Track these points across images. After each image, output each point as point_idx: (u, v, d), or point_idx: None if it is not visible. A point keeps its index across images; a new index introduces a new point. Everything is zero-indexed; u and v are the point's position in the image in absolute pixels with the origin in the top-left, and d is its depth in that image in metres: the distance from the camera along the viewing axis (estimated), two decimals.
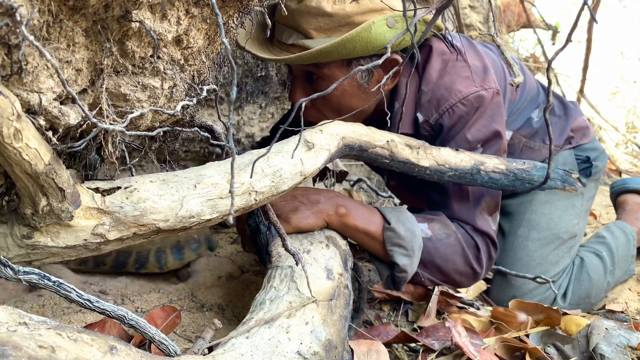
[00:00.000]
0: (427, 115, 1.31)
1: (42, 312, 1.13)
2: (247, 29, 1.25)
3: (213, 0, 0.62)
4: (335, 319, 0.96)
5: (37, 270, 0.69)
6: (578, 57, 3.60)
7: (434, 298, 1.38)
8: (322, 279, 1.02)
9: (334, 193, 1.26)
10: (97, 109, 0.74)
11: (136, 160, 0.97)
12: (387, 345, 1.13)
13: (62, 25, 0.62)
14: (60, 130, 0.70)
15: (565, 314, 1.36)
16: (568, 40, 0.73)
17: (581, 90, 3.49)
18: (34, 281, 0.68)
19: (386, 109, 1.15)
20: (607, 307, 1.54)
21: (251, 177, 0.85)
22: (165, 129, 0.87)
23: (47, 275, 0.69)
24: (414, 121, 1.34)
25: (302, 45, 1.19)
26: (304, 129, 0.99)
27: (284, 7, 1.07)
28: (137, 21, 0.67)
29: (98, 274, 1.38)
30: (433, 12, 0.85)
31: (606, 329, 1.18)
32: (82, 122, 0.71)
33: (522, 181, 1.26)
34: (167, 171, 0.88)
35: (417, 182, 1.33)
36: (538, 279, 1.45)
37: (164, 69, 0.78)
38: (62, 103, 0.68)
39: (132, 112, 0.75)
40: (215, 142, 0.96)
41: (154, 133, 0.79)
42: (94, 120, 0.64)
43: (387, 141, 1.14)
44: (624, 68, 5.40)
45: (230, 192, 0.70)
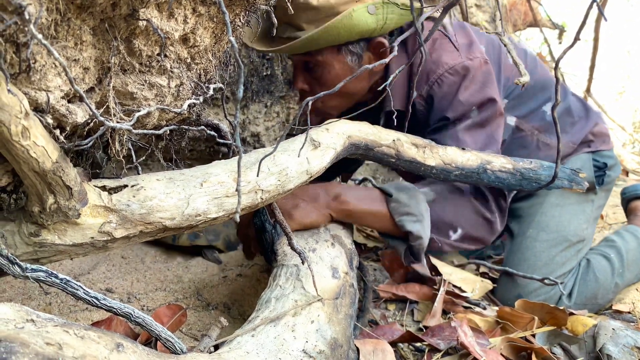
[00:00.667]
0: (419, 89, 1.39)
1: (49, 309, 1.13)
2: (253, 29, 1.36)
3: None
4: (340, 317, 0.96)
5: (44, 268, 0.69)
6: (585, 56, 3.58)
7: (440, 297, 1.37)
8: (327, 277, 1.02)
9: (330, 184, 1.28)
10: (104, 107, 0.74)
11: (142, 158, 0.97)
12: (392, 344, 1.12)
13: (70, 24, 0.62)
14: (68, 128, 0.70)
15: (572, 314, 1.35)
16: (576, 39, 0.73)
17: (588, 90, 3.48)
18: (42, 279, 0.69)
19: (374, 94, 1.22)
20: (614, 308, 1.53)
21: (257, 175, 0.85)
22: (171, 127, 0.87)
23: (55, 272, 0.69)
24: (405, 98, 1.42)
25: (295, 37, 1.30)
26: (310, 128, 0.99)
27: (285, 6, 1.16)
28: (144, 20, 0.68)
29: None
30: (440, 10, 0.85)
31: (613, 329, 1.17)
32: (90, 121, 0.71)
33: (529, 180, 1.26)
34: (173, 170, 0.88)
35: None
36: (546, 281, 1.44)
37: (171, 67, 0.78)
38: (69, 101, 0.69)
39: (139, 111, 0.75)
40: (221, 141, 0.96)
41: (160, 131, 0.80)
42: (101, 119, 0.64)
43: (393, 140, 1.14)
44: (631, 67, 5.37)
45: (236, 190, 0.70)
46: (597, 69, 3.46)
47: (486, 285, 1.55)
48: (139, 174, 0.88)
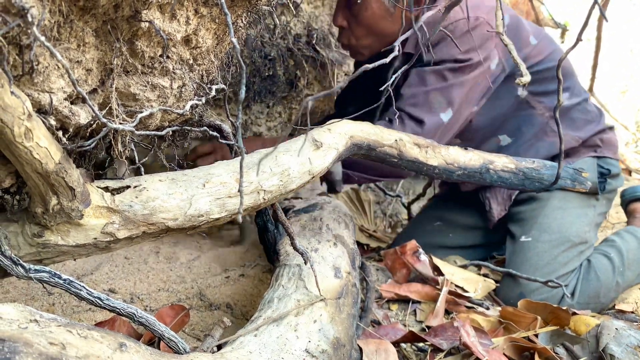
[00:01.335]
0: (426, 37, 1.47)
1: (52, 310, 1.14)
2: None
3: (222, 0, 0.62)
4: (343, 317, 0.96)
5: (47, 269, 0.70)
6: (587, 56, 3.57)
7: (442, 297, 1.37)
8: (330, 277, 1.02)
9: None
10: (107, 108, 0.74)
11: (145, 159, 0.98)
12: (395, 344, 1.12)
13: (73, 26, 0.63)
14: (71, 129, 0.70)
15: (575, 313, 1.35)
16: (578, 40, 0.73)
17: (590, 89, 3.47)
18: (45, 279, 0.69)
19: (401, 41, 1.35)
20: (617, 307, 1.53)
21: (257, 175, 0.85)
22: (174, 128, 0.87)
23: (58, 273, 0.69)
24: (415, 43, 1.50)
25: None
26: (312, 128, 0.99)
27: None
28: (146, 21, 0.68)
29: None
30: (441, 10, 0.85)
31: (616, 329, 1.17)
32: (92, 122, 0.72)
33: (532, 180, 1.26)
34: (175, 170, 0.89)
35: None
36: (550, 283, 1.45)
37: (173, 68, 0.79)
38: (72, 103, 0.69)
39: (141, 112, 0.75)
40: (224, 142, 0.96)
41: (163, 132, 0.80)
42: (104, 120, 0.64)
43: (396, 140, 1.14)
44: (634, 67, 5.35)
45: (239, 191, 0.71)
46: (600, 68, 3.45)
47: (489, 285, 1.54)
48: (141, 174, 0.89)
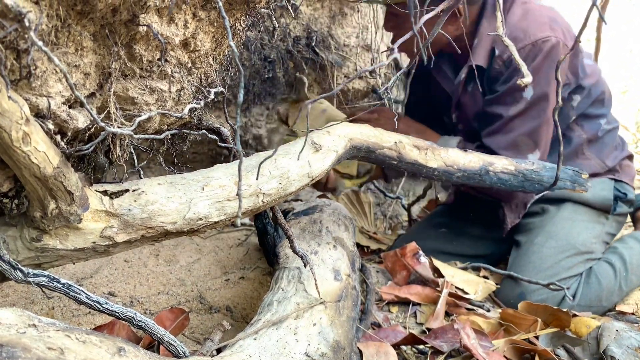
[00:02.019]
0: (502, 51, 1.53)
1: (52, 314, 1.14)
2: None
3: (220, 4, 0.62)
4: (343, 320, 0.96)
5: (46, 273, 0.69)
6: None
7: (442, 299, 1.37)
8: (329, 280, 1.02)
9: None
10: (105, 112, 0.74)
11: (144, 162, 0.97)
12: (395, 347, 1.12)
13: (70, 30, 0.63)
14: (69, 133, 0.70)
15: (575, 315, 1.35)
16: (577, 41, 0.73)
17: None
18: (44, 283, 0.69)
19: (460, 42, 1.48)
20: (617, 309, 1.52)
21: (257, 179, 0.85)
22: (173, 132, 0.87)
23: (57, 277, 0.69)
24: (489, 56, 1.56)
25: None
26: (311, 131, 0.99)
27: None
28: (144, 25, 0.68)
29: None
30: (440, 13, 0.85)
31: (617, 330, 1.17)
32: (91, 126, 0.72)
33: (532, 182, 1.25)
34: (175, 173, 0.89)
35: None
36: (551, 286, 1.44)
37: (172, 72, 0.79)
38: (70, 107, 0.69)
39: (140, 116, 0.75)
40: (223, 145, 0.96)
41: (161, 136, 0.80)
42: (102, 124, 0.64)
43: (395, 142, 1.14)
44: (634, 67, 5.35)
45: (237, 194, 0.70)
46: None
47: (489, 287, 1.54)
48: (140, 178, 0.89)
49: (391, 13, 1.60)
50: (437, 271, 1.51)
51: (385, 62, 0.86)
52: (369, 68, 0.83)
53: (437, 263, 1.54)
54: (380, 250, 1.80)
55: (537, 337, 1.22)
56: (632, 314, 1.49)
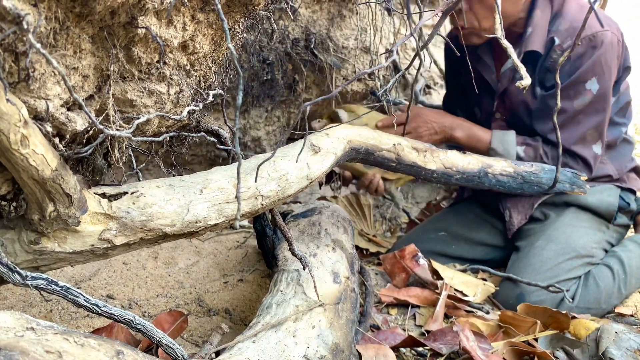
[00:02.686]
0: (562, 40, 1.55)
1: (50, 317, 1.13)
2: None
3: (219, 6, 0.62)
4: (342, 322, 0.95)
5: (44, 276, 0.69)
6: None
7: (442, 302, 1.37)
8: (328, 282, 1.02)
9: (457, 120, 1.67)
10: (104, 114, 0.74)
11: (143, 165, 0.97)
12: (394, 349, 1.12)
13: (69, 32, 0.63)
14: (67, 136, 0.70)
15: (574, 317, 1.35)
16: (575, 44, 0.73)
17: None
18: (42, 286, 0.69)
19: (513, 32, 1.60)
20: (616, 311, 1.52)
21: (255, 181, 0.85)
22: (171, 134, 0.87)
23: (55, 280, 0.69)
24: (546, 42, 1.59)
25: None
26: (310, 133, 0.99)
27: None
28: (143, 27, 0.68)
29: None
30: (439, 15, 0.85)
31: (616, 332, 1.16)
32: (89, 128, 0.71)
33: (530, 184, 1.26)
34: (173, 176, 0.88)
35: (522, 121, 1.66)
36: (551, 288, 1.44)
37: (170, 74, 0.79)
38: (69, 109, 0.69)
39: (138, 118, 0.75)
40: (221, 147, 0.96)
41: (160, 139, 0.80)
42: (101, 127, 0.64)
43: (394, 144, 1.14)
44: (634, 69, 5.36)
45: (236, 196, 0.70)
46: None
47: (488, 289, 1.54)
48: (139, 180, 0.88)
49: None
50: (436, 273, 1.51)
51: (384, 64, 0.86)
52: (368, 70, 0.83)
53: (436, 265, 1.54)
54: (380, 253, 1.80)
55: (536, 339, 1.22)
56: (631, 315, 1.48)
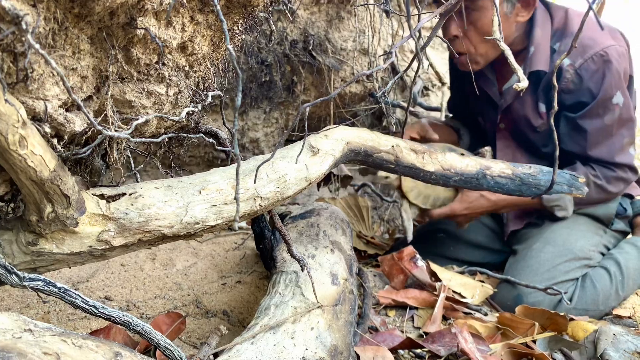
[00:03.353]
0: (573, 59, 1.55)
1: (47, 318, 1.13)
2: None
3: (218, 7, 0.62)
4: (340, 324, 0.95)
5: (42, 277, 0.69)
6: None
7: (440, 303, 1.37)
8: (327, 284, 1.01)
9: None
10: (102, 115, 0.74)
11: (141, 166, 0.97)
12: (392, 351, 1.12)
13: (68, 33, 0.62)
14: (66, 137, 0.70)
15: (572, 319, 1.35)
16: (572, 46, 0.73)
17: None
18: (40, 287, 0.68)
19: (515, 52, 1.54)
20: (614, 313, 1.52)
21: (255, 182, 0.85)
22: (170, 135, 0.87)
23: (52, 282, 0.69)
24: (550, 59, 1.61)
25: None
26: (309, 134, 0.99)
27: None
28: (142, 28, 0.68)
29: None
30: (437, 17, 0.85)
31: (614, 334, 1.17)
32: (88, 129, 0.71)
33: (529, 186, 1.26)
34: (171, 177, 0.88)
35: (525, 134, 1.72)
36: (549, 290, 1.45)
37: (169, 75, 0.78)
38: (67, 110, 0.69)
39: (137, 119, 0.75)
40: (220, 148, 0.96)
41: (159, 140, 0.80)
42: (99, 128, 0.64)
43: (392, 146, 1.14)
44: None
45: (235, 198, 0.70)
46: None
47: (486, 290, 1.54)
48: (137, 181, 0.88)
49: (457, 13, 1.60)
50: (434, 275, 1.51)
51: (383, 66, 0.86)
52: (366, 72, 0.83)
53: (434, 267, 1.54)
54: (378, 255, 1.80)
55: (534, 341, 1.22)
56: (629, 317, 1.49)
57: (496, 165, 1.24)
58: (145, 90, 0.76)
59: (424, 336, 1.28)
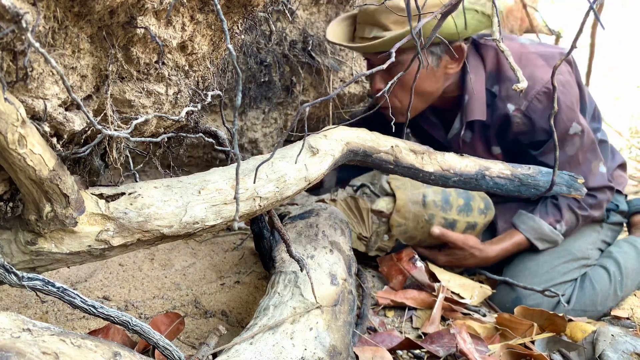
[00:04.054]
0: (518, 103, 1.51)
1: (46, 318, 1.13)
2: (332, 30, 1.55)
3: (218, 7, 0.62)
4: (339, 324, 0.95)
5: (41, 277, 0.69)
6: (581, 62, 3.59)
7: (439, 304, 1.37)
8: (326, 284, 1.01)
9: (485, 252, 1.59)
10: (102, 115, 0.74)
11: (140, 166, 0.97)
12: (391, 351, 1.12)
13: (68, 32, 0.62)
14: (65, 136, 0.70)
15: (571, 320, 1.35)
16: (573, 47, 0.73)
17: None
18: (38, 287, 0.68)
19: (449, 100, 1.52)
20: (612, 313, 1.53)
21: (254, 182, 0.85)
22: (169, 135, 0.87)
23: (51, 281, 0.69)
24: (488, 108, 1.56)
25: (382, 36, 1.39)
26: (308, 134, 0.99)
27: (369, 10, 1.38)
28: (142, 27, 0.68)
29: None
30: (438, 16, 0.85)
31: (612, 335, 1.17)
32: (87, 129, 0.71)
33: (528, 186, 1.26)
34: (170, 177, 0.88)
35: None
36: (546, 292, 1.45)
37: (169, 75, 0.78)
38: (66, 109, 0.69)
39: (136, 118, 0.75)
40: (219, 148, 0.96)
41: (158, 139, 0.79)
42: (99, 127, 0.64)
43: (392, 146, 1.14)
44: (628, 72, 5.39)
45: (234, 198, 0.70)
46: (594, 74, 3.47)
47: (485, 291, 1.54)
48: (136, 181, 0.88)
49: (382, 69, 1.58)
50: (432, 276, 1.51)
51: (383, 66, 0.86)
52: (366, 72, 0.83)
53: (433, 267, 1.54)
54: (377, 256, 1.80)
55: (533, 342, 1.22)
56: (628, 318, 1.49)
57: (495, 166, 1.24)
58: (145, 89, 0.76)
59: (423, 337, 1.28)
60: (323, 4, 1.92)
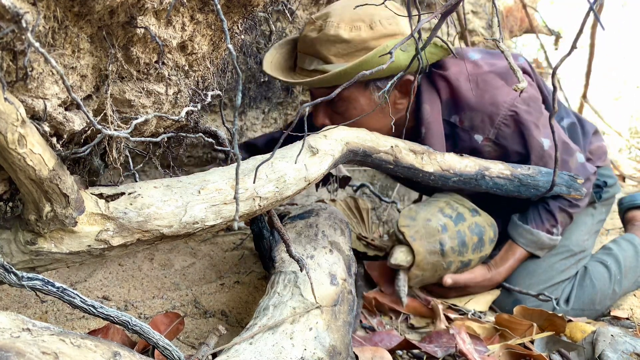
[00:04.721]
0: (485, 133, 1.42)
1: (45, 318, 1.13)
2: (271, 58, 1.40)
3: (218, 7, 0.62)
4: (339, 324, 0.95)
5: (40, 276, 0.69)
6: (581, 62, 3.59)
7: (438, 305, 1.37)
8: (325, 284, 1.01)
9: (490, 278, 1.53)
10: (102, 114, 0.74)
11: (140, 166, 0.97)
12: (390, 352, 1.12)
13: (68, 32, 0.62)
14: (65, 136, 0.70)
15: (570, 320, 1.35)
16: (573, 47, 0.73)
17: (584, 95, 3.49)
18: (38, 287, 0.68)
19: (406, 132, 1.35)
20: (612, 314, 1.53)
21: (254, 182, 0.85)
22: (169, 134, 0.87)
23: (51, 281, 0.69)
24: (447, 140, 1.46)
25: (323, 70, 1.28)
26: (308, 134, 0.99)
27: (309, 38, 1.23)
28: (142, 27, 0.68)
29: None
30: (438, 17, 0.85)
31: (612, 335, 1.17)
32: (87, 128, 0.71)
33: (527, 187, 1.26)
34: (170, 177, 0.88)
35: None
36: (541, 297, 1.45)
37: (169, 74, 0.78)
38: (66, 109, 0.69)
39: (136, 118, 0.75)
40: (219, 148, 0.96)
41: (158, 139, 0.79)
42: (99, 127, 0.64)
43: (392, 146, 1.14)
44: (627, 73, 5.39)
45: (234, 197, 0.70)
46: (593, 75, 3.47)
47: (489, 298, 1.55)
48: (136, 181, 0.88)
49: (325, 104, 1.41)
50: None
51: (383, 66, 0.86)
52: (366, 72, 0.83)
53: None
54: (378, 257, 1.79)
55: (532, 342, 1.22)
56: (627, 319, 1.49)
57: (495, 167, 1.24)
58: (145, 89, 0.76)
59: (422, 335, 1.28)
60: (323, 4, 1.92)
